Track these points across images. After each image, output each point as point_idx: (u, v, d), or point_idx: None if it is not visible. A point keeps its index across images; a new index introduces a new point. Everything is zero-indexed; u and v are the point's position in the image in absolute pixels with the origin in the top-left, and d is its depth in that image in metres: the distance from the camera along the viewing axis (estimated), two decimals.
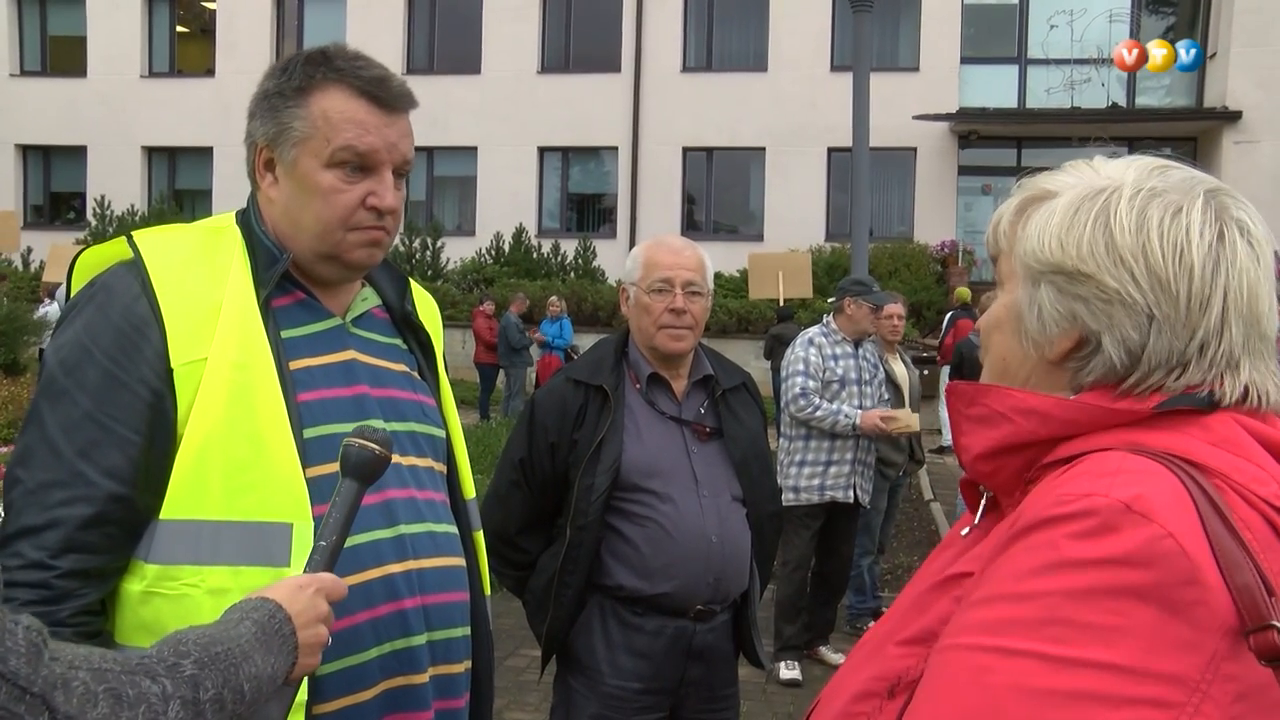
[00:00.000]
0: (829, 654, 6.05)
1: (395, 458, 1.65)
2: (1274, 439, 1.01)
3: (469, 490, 1.88)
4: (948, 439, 13.04)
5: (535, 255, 21.11)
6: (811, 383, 5.66)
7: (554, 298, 16.72)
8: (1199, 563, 0.88)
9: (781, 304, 13.46)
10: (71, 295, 1.62)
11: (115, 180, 22.78)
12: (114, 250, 1.63)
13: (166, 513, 1.50)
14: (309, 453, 1.56)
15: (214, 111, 22.54)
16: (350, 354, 1.70)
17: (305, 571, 1.35)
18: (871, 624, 6.54)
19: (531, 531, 2.80)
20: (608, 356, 2.82)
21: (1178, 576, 0.88)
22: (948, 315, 15.06)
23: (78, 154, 23.48)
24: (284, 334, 1.63)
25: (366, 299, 1.79)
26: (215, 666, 1.13)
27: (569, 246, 21.18)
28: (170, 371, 1.52)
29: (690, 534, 2.67)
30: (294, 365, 1.61)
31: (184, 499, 1.50)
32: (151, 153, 23.60)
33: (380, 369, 1.73)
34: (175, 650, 1.12)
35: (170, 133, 23.06)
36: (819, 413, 5.61)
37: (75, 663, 1.01)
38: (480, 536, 1.88)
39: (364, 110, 1.62)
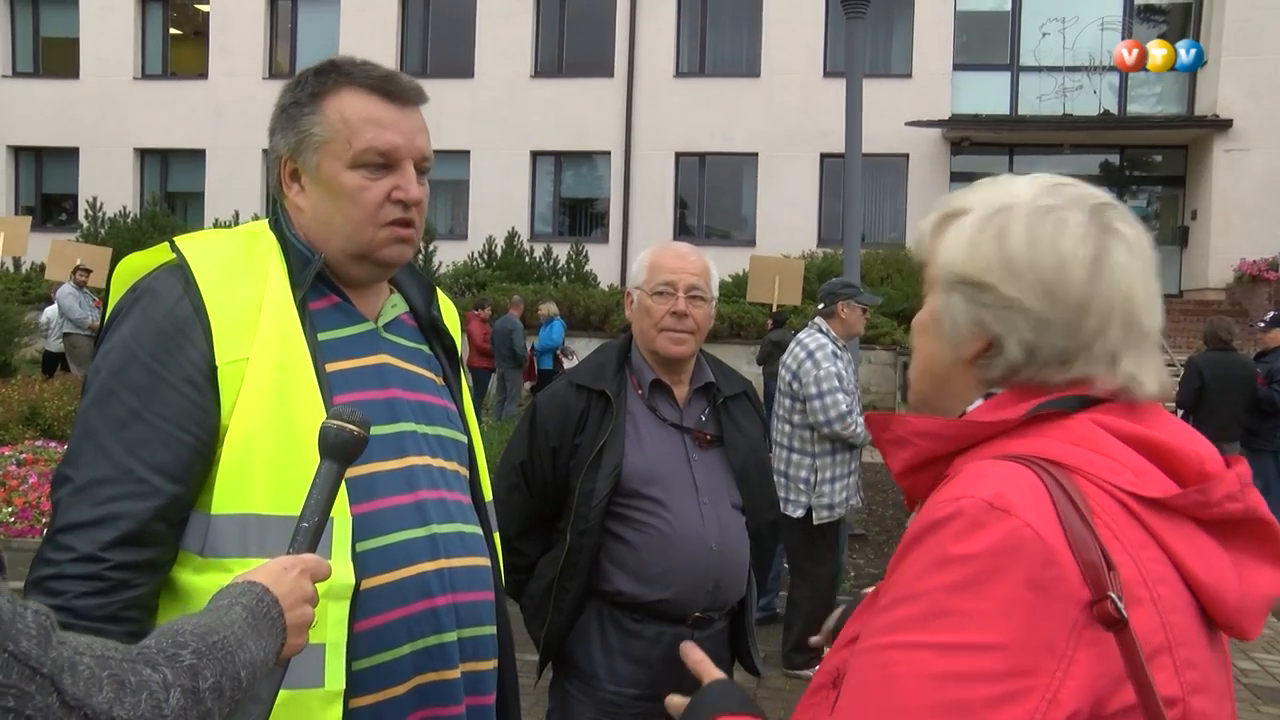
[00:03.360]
0: None
1: (427, 460, 1.72)
2: (1135, 434, 1.13)
3: (488, 493, 1.92)
4: None
5: (527, 259, 21.10)
6: (849, 398, 5.55)
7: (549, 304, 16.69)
8: (1054, 545, 1.02)
9: (775, 309, 13.49)
10: (112, 301, 1.66)
11: (107, 182, 22.74)
12: (155, 256, 1.67)
13: (218, 507, 1.54)
14: None
15: (207, 114, 22.53)
16: (383, 358, 1.74)
17: (289, 553, 1.37)
18: None
19: (530, 535, 2.80)
20: (610, 362, 2.81)
21: (1038, 560, 1.01)
22: None
23: (70, 156, 23.43)
24: (320, 336, 1.67)
25: (396, 305, 1.83)
26: (213, 655, 1.15)
27: (561, 251, 21.18)
28: (215, 369, 1.56)
29: (690, 541, 2.66)
30: (330, 368, 1.65)
31: (233, 493, 1.54)
32: (144, 155, 23.56)
33: (411, 373, 1.78)
34: (174, 641, 1.14)
35: (163, 135, 23.03)
36: (859, 430, 5.53)
37: (80, 649, 1.03)
38: (498, 538, 1.92)
39: (379, 107, 1.68)
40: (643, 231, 20.93)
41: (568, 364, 14.90)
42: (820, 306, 5.90)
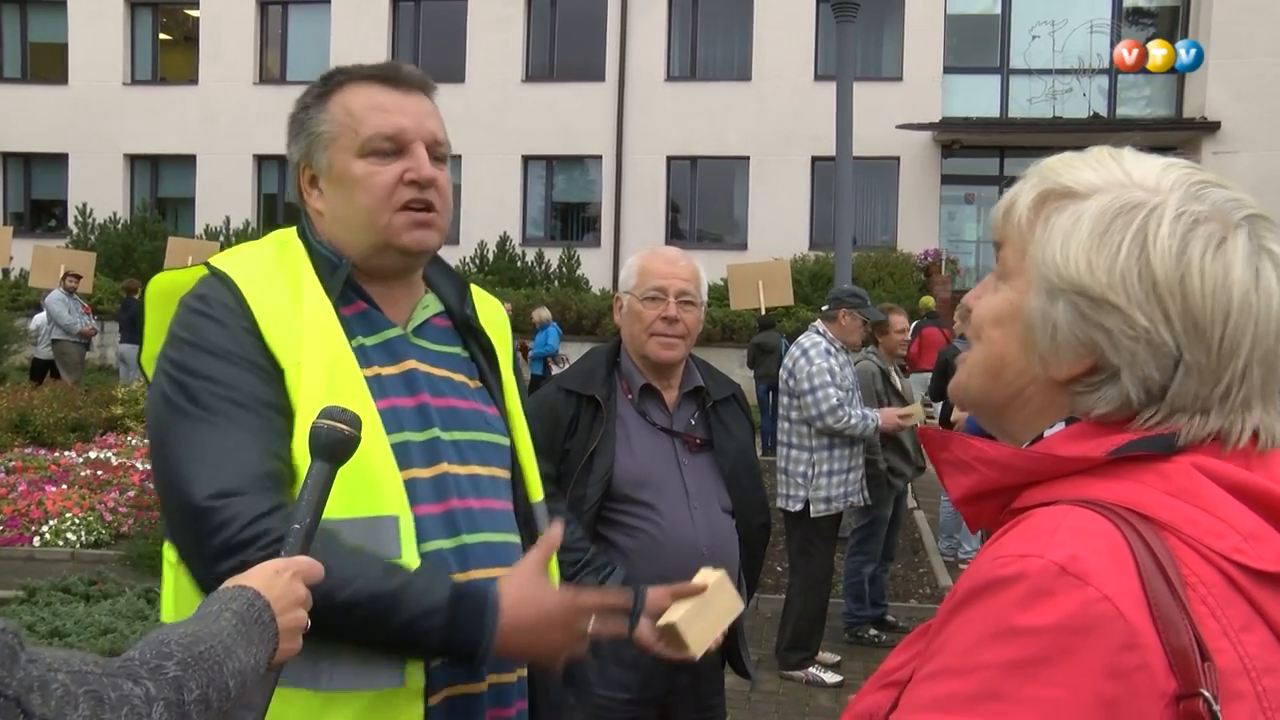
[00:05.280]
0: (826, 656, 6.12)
1: (457, 468, 1.69)
2: (1250, 486, 0.92)
3: (536, 493, 1.89)
4: None
5: (519, 264, 21.10)
6: (841, 393, 5.69)
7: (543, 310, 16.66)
8: (1137, 626, 0.84)
9: (764, 313, 13.48)
10: (151, 319, 1.67)
11: (97, 188, 22.68)
12: (190, 275, 1.67)
13: None
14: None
15: (197, 119, 22.49)
16: (410, 364, 1.72)
17: (281, 555, 1.34)
18: (873, 631, 6.65)
19: None
20: (599, 366, 2.81)
21: (1116, 641, 0.83)
22: (913, 325, 15.08)
23: (59, 162, 23.35)
24: (349, 344, 1.66)
25: (428, 306, 1.81)
26: (199, 666, 1.12)
27: (553, 255, 21.19)
28: (281, 371, 1.56)
29: (680, 545, 2.66)
30: (366, 373, 1.64)
31: None
32: (134, 160, 23.49)
33: (439, 378, 1.75)
34: (157, 652, 1.11)
35: (153, 141, 22.97)
36: (853, 420, 5.66)
37: (54, 665, 0.99)
38: None
39: (380, 93, 1.69)
40: (635, 235, 20.93)
41: (556, 370, 14.87)
42: (824, 309, 6.09)
